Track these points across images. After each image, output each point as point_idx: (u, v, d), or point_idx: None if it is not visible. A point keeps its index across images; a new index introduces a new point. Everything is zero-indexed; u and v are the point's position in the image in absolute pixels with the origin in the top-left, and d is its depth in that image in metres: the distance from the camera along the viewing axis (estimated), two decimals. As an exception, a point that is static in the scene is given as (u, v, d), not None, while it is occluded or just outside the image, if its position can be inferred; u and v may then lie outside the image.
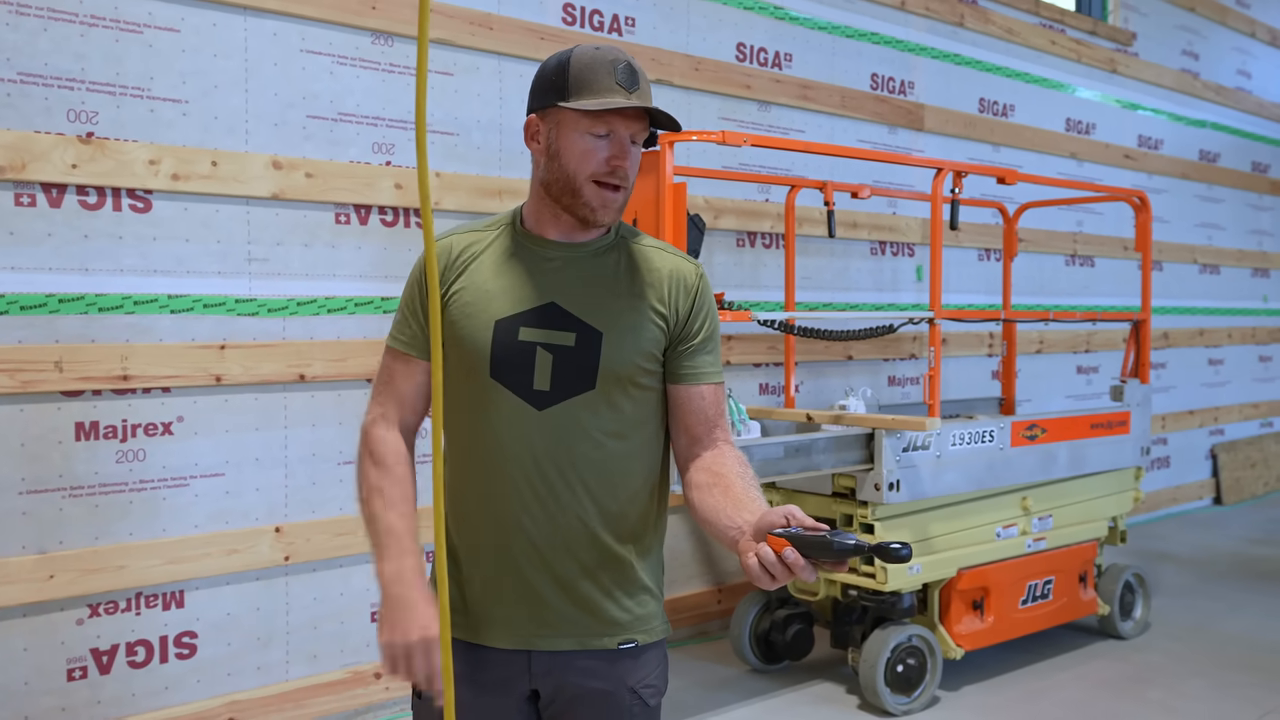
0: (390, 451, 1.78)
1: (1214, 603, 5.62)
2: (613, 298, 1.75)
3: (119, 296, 3.45)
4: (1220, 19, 8.55)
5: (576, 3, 4.59)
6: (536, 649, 1.76)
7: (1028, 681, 4.42)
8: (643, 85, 1.73)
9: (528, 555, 1.74)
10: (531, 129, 1.77)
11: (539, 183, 1.78)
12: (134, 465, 3.49)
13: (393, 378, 1.82)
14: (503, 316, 1.73)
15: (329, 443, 3.90)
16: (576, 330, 1.72)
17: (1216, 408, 8.59)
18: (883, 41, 5.90)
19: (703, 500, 1.70)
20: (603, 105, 1.67)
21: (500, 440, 1.72)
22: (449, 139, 4.22)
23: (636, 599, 1.81)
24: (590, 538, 1.75)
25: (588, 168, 1.71)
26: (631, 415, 1.76)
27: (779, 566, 1.44)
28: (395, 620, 1.63)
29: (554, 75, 1.73)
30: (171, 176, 3.52)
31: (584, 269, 1.77)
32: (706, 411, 1.80)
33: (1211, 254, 8.51)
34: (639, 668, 1.80)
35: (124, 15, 3.45)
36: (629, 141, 1.72)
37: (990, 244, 6.47)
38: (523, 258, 1.77)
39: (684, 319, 1.79)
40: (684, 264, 1.83)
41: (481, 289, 1.75)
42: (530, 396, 1.71)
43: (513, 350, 1.72)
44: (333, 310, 3.91)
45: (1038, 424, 4.52)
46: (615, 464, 1.76)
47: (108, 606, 3.45)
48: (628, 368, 1.74)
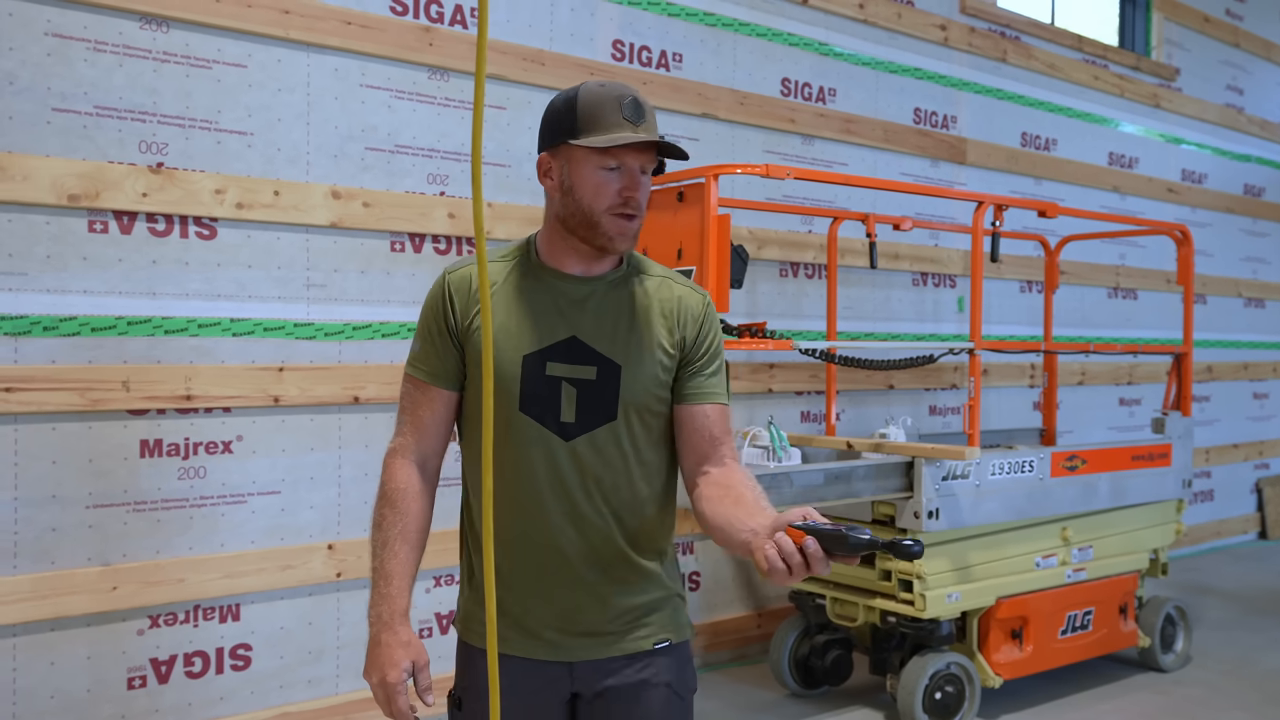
0: (399, 488, 1.86)
1: (1256, 636, 5.58)
2: (628, 331, 1.84)
3: (184, 320, 3.60)
4: (1265, 54, 8.54)
5: (625, 39, 4.72)
6: (578, 659, 1.86)
7: (1066, 712, 4.42)
8: (649, 118, 1.78)
9: (563, 574, 1.84)
10: (544, 166, 1.83)
11: (555, 217, 1.83)
12: (195, 482, 3.62)
13: (414, 406, 1.88)
14: (530, 351, 1.80)
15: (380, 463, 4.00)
16: (597, 364, 1.80)
17: (1261, 442, 8.52)
18: (926, 77, 5.98)
19: (714, 510, 1.77)
20: (611, 141, 1.73)
21: (532, 470, 1.81)
22: (501, 170, 4.35)
23: (666, 602, 1.92)
24: (619, 553, 1.85)
25: (603, 201, 1.77)
26: (648, 440, 1.86)
27: (797, 557, 1.51)
28: (371, 660, 1.80)
29: (563, 113, 1.78)
30: (236, 205, 3.67)
31: (601, 303, 1.84)
32: (712, 430, 1.87)
33: (1256, 288, 8.46)
34: (673, 664, 1.91)
35: (194, 51, 3.62)
36: (639, 172, 1.78)
37: (1032, 276, 6.50)
38: (542, 291, 1.83)
39: (690, 344, 1.87)
40: (691, 293, 1.91)
41: (505, 324, 1.81)
42: (558, 428, 1.80)
43: (540, 384, 1.79)
44: (386, 335, 4.04)
45: (1078, 455, 4.55)
46: (636, 485, 1.86)
47: (167, 618, 3.58)
48: (644, 397, 1.83)
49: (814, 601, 4.43)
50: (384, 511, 1.86)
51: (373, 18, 3.97)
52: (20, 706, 3.31)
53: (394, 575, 1.81)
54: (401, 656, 1.76)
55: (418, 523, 1.86)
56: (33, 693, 3.33)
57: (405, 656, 1.76)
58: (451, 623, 3.67)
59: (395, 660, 1.76)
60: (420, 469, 1.89)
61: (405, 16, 4.07)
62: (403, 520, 1.84)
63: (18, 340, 3.31)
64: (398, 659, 1.76)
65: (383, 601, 1.80)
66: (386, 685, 1.76)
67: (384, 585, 1.81)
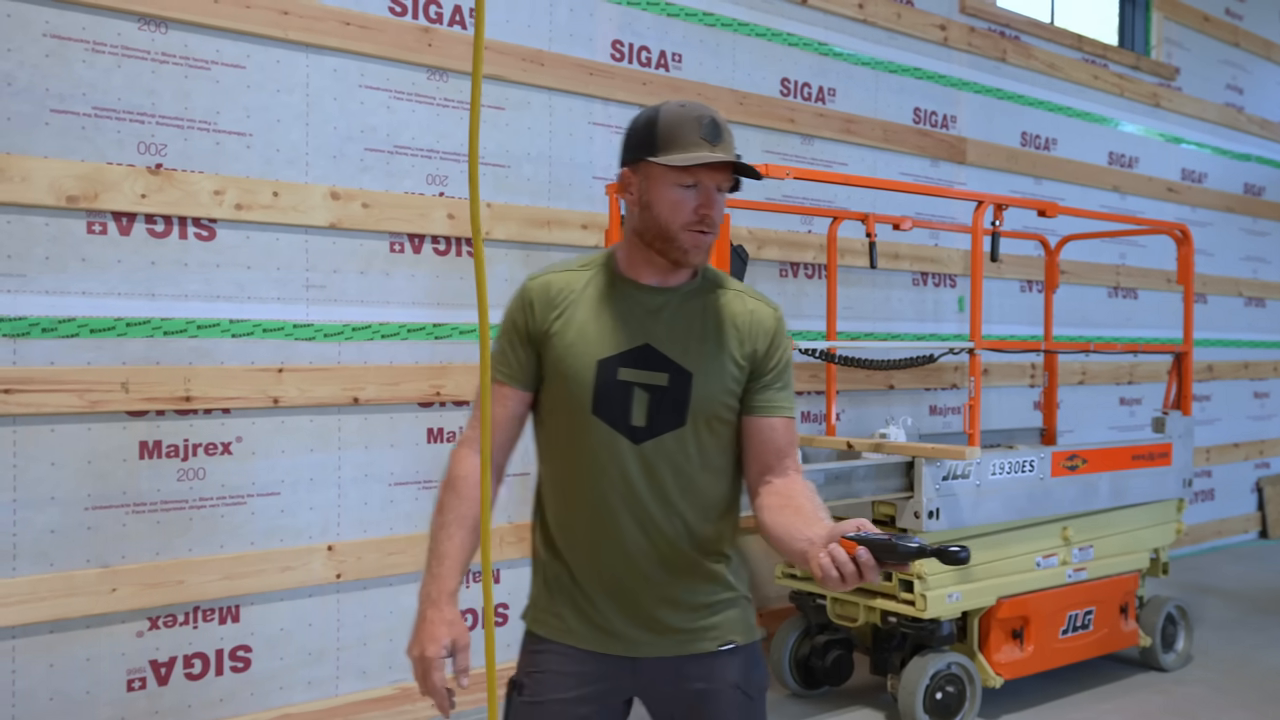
0: (463, 475, 1.92)
1: (1258, 635, 5.57)
2: (700, 340, 1.90)
3: (183, 321, 3.60)
4: (1265, 54, 8.54)
5: (625, 39, 4.72)
6: (644, 656, 1.92)
7: (1067, 712, 4.41)
8: (725, 138, 1.85)
9: (631, 574, 1.90)
10: (624, 181, 1.91)
11: (632, 230, 1.91)
12: (194, 484, 3.62)
13: None
14: (604, 357, 1.87)
15: (381, 464, 4.01)
16: (669, 371, 1.87)
17: (1262, 441, 8.51)
18: (925, 76, 5.98)
19: (774, 519, 1.84)
20: (689, 160, 1.79)
21: (602, 471, 1.88)
22: (500, 171, 4.34)
23: (732, 605, 1.98)
24: (685, 556, 1.92)
25: (679, 217, 1.83)
26: (715, 447, 1.92)
27: (850, 566, 1.58)
28: (414, 635, 1.85)
29: (643, 132, 1.86)
30: (235, 206, 3.67)
31: (675, 313, 1.91)
32: (778, 442, 1.93)
33: (1257, 287, 8.45)
34: (741, 665, 1.96)
35: (193, 53, 3.62)
36: (715, 190, 1.85)
37: (1033, 275, 6.50)
38: (619, 300, 1.91)
39: (761, 358, 1.94)
40: (764, 307, 1.98)
41: (582, 329, 1.89)
42: (628, 432, 1.87)
43: (613, 389, 1.87)
44: (386, 336, 4.03)
45: (1078, 454, 4.54)
46: (703, 491, 1.92)
47: (166, 620, 3.57)
48: (714, 405, 1.89)
49: (814, 602, 4.43)
50: (446, 497, 1.93)
51: (371, 18, 3.97)
52: (19, 708, 3.31)
53: (447, 556, 1.87)
54: (444, 634, 1.81)
55: (476, 509, 1.90)
56: (32, 694, 3.33)
57: (447, 634, 1.81)
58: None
59: (436, 636, 1.80)
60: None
61: (404, 17, 4.07)
62: (462, 506, 1.90)
63: (16, 342, 3.31)
64: (439, 635, 1.81)
65: (433, 581, 1.86)
66: (425, 659, 1.80)
67: (436, 565, 1.87)
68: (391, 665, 4.04)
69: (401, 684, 4.05)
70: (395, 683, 4.04)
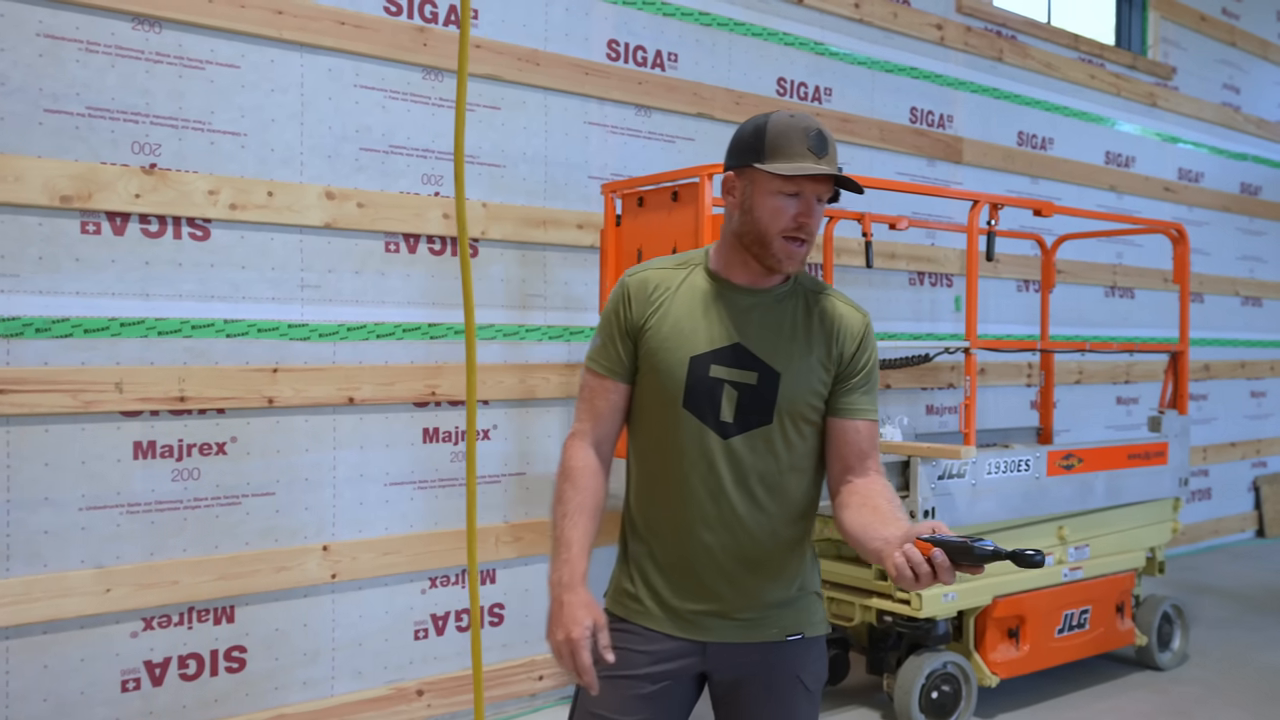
0: (578, 466, 2.02)
1: (1254, 635, 5.57)
2: (790, 342, 1.98)
3: (177, 321, 3.59)
4: (1262, 53, 8.54)
5: (620, 39, 4.71)
6: (713, 640, 2.01)
7: (1063, 711, 4.41)
8: (830, 151, 1.91)
9: (708, 563, 1.99)
10: (728, 185, 1.98)
11: (731, 232, 1.99)
12: (189, 484, 3.62)
13: (591, 396, 2.05)
14: (697, 354, 1.96)
15: (376, 464, 4.01)
16: (759, 370, 1.96)
17: (1259, 440, 8.51)
18: (922, 76, 5.98)
19: (852, 519, 1.92)
20: (795, 170, 1.87)
21: (690, 463, 1.97)
22: (496, 171, 4.34)
23: (802, 599, 2.06)
24: (762, 549, 2.00)
25: (778, 224, 1.91)
26: (799, 446, 2.00)
27: (924, 566, 1.64)
28: (554, 619, 1.92)
29: (751, 138, 1.93)
30: (229, 206, 3.67)
31: (766, 314, 1.99)
32: (860, 444, 2.01)
33: (1254, 286, 8.46)
34: (803, 657, 2.05)
35: (187, 52, 3.61)
36: (815, 201, 1.92)
37: (1029, 275, 6.50)
38: (713, 299, 1.99)
39: (848, 361, 2.01)
40: (853, 312, 2.05)
41: (676, 326, 1.98)
42: (717, 426, 1.95)
43: (704, 384, 1.96)
44: (381, 336, 4.03)
45: (1074, 454, 4.54)
46: (785, 488, 2.00)
47: (161, 620, 3.57)
48: (800, 404, 1.98)
49: (810, 601, 4.42)
50: (564, 487, 2.01)
51: (366, 18, 3.97)
52: (13, 710, 3.30)
53: (573, 543, 1.95)
54: (584, 615, 1.89)
55: (594, 498, 2.00)
56: (25, 696, 3.32)
57: (587, 615, 1.89)
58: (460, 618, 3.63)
59: (578, 619, 1.88)
60: (596, 450, 2.04)
61: (399, 16, 4.06)
62: (580, 495, 1.99)
63: (10, 342, 3.30)
64: (580, 617, 1.88)
65: (563, 566, 1.94)
66: (571, 641, 1.87)
67: (565, 552, 1.95)
68: (387, 665, 4.04)
69: (397, 684, 4.05)
70: (391, 683, 4.04)
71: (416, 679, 4.10)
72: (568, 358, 4.53)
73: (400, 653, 4.07)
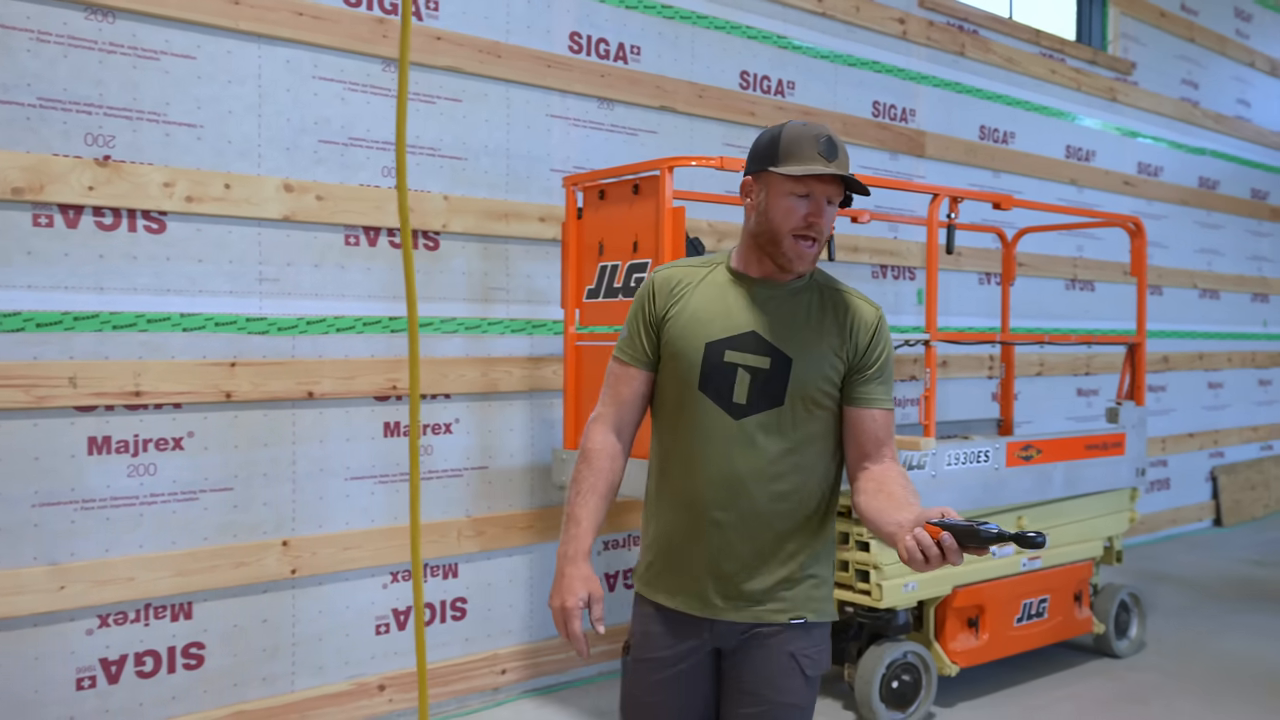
0: (595, 448, 2.17)
1: (1209, 622, 5.66)
2: (803, 330, 2.10)
3: (132, 315, 3.55)
4: (1219, 49, 8.65)
5: (583, 31, 4.70)
6: (721, 619, 2.11)
7: (1022, 699, 4.46)
8: (840, 155, 2.05)
9: (717, 542, 2.09)
10: (746, 188, 2.13)
11: (749, 233, 2.14)
12: (145, 479, 3.58)
13: (616, 383, 2.20)
14: (712, 340, 2.09)
15: (336, 458, 3.98)
16: (771, 356, 2.08)
17: (1216, 430, 8.64)
18: (884, 70, 6.01)
19: (868, 503, 2.03)
20: (805, 171, 2.00)
21: (702, 442, 2.09)
22: (457, 163, 4.32)
23: (807, 583, 2.14)
24: (771, 530, 2.09)
25: (789, 223, 2.05)
26: (810, 429, 2.10)
27: (934, 549, 1.77)
28: (554, 588, 2.11)
29: (767, 145, 2.08)
30: (185, 199, 3.63)
31: (781, 305, 2.12)
32: (877, 432, 2.12)
33: (1211, 279, 8.57)
34: (803, 640, 2.13)
35: (142, 42, 3.57)
36: (825, 202, 2.05)
37: (991, 268, 6.55)
38: (731, 291, 2.14)
39: (862, 353, 2.12)
40: (866, 306, 2.17)
41: (695, 315, 2.12)
42: (730, 408, 2.08)
43: (718, 368, 2.08)
44: (341, 329, 4.00)
45: (1033, 445, 4.59)
46: (795, 469, 2.10)
47: (117, 617, 3.53)
48: (811, 389, 2.08)
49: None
50: (580, 467, 2.17)
51: (325, 9, 3.93)
52: (-34, 708, 3.26)
53: (582, 520, 2.12)
54: (580, 587, 2.07)
55: (608, 479, 2.16)
56: (-21, 694, 3.28)
57: (583, 588, 2.07)
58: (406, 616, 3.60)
59: (574, 589, 2.07)
60: (615, 434, 2.19)
61: (358, 8, 4.03)
62: (594, 476, 2.15)
63: (-40, 336, 3.25)
64: (576, 589, 2.07)
65: (570, 541, 2.12)
66: (565, 610, 2.07)
67: (573, 528, 2.13)
68: (348, 661, 4.02)
69: (358, 679, 4.03)
70: (352, 678, 4.02)
71: (378, 674, 4.08)
72: (530, 351, 4.53)
73: (361, 648, 4.06)
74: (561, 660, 4.60)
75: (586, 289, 4.15)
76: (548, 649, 4.56)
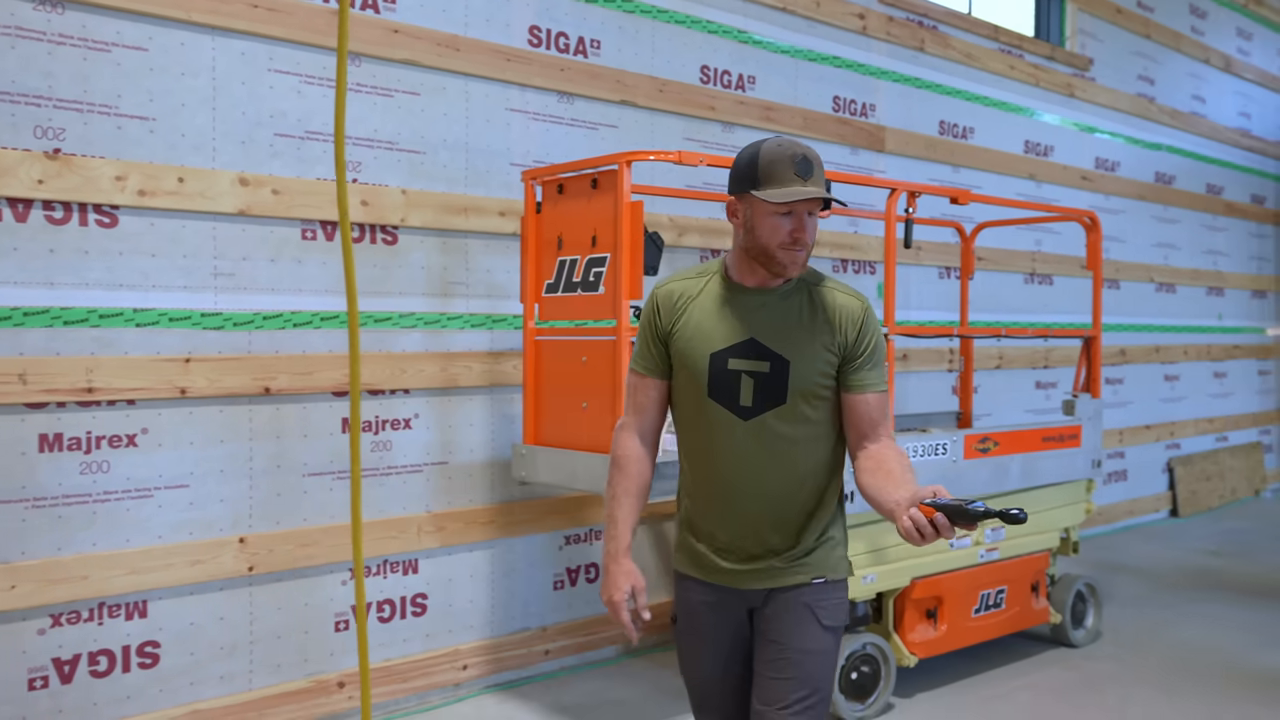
0: (625, 454, 2.41)
1: (1164, 611, 5.74)
2: (797, 332, 2.29)
3: (84, 310, 3.50)
4: (1175, 46, 8.76)
5: (542, 25, 4.69)
6: (752, 588, 2.36)
7: (980, 689, 4.51)
8: (816, 172, 2.22)
9: (743, 524, 2.33)
10: (731, 208, 2.31)
11: (740, 247, 2.32)
12: (98, 476, 3.54)
13: (635, 393, 2.42)
14: (715, 350, 2.29)
15: (294, 455, 3.95)
16: (771, 360, 2.27)
17: (1173, 422, 8.77)
18: (844, 65, 6.04)
19: (868, 481, 2.23)
20: (785, 196, 2.18)
21: (719, 443, 2.31)
22: (415, 157, 4.29)
23: (825, 547, 2.38)
24: (787, 508, 2.33)
25: (776, 239, 2.23)
26: (812, 419, 2.31)
27: (929, 527, 1.97)
28: (603, 584, 2.37)
29: (746, 168, 2.25)
30: (138, 192, 3.58)
31: (775, 311, 2.30)
32: (872, 414, 2.32)
33: (1167, 273, 8.69)
34: (823, 595, 2.36)
35: (92, 34, 3.52)
36: (806, 215, 2.24)
37: (951, 262, 6.60)
38: (728, 302, 2.33)
39: (852, 344, 2.31)
40: (852, 300, 2.34)
41: (699, 327, 2.32)
42: (738, 411, 2.28)
43: (724, 376, 2.29)
44: (298, 324, 3.97)
45: (990, 437, 4.63)
46: (802, 455, 2.31)
47: (70, 616, 3.49)
48: (809, 385, 2.28)
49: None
50: (613, 473, 2.42)
51: (280, 0, 3.89)
52: (-86, 710, 3.21)
53: (619, 521, 2.38)
54: (624, 582, 2.34)
55: (638, 481, 2.40)
56: (-73, 696, 3.23)
57: (626, 582, 2.34)
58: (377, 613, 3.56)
59: (619, 584, 2.34)
60: (641, 439, 2.42)
61: (314, 0, 3.99)
62: (626, 480, 2.40)
63: (-94, 332, 3.20)
64: (621, 583, 2.34)
65: (611, 540, 2.38)
66: (613, 603, 2.34)
67: (612, 528, 2.39)
68: (307, 658, 3.99)
69: (317, 676, 4.00)
70: (311, 675, 4.00)
71: (338, 671, 4.06)
72: (490, 346, 4.51)
73: (320, 645, 4.03)
74: (523, 655, 4.59)
75: (546, 283, 4.14)
76: (509, 644, 4.55)
